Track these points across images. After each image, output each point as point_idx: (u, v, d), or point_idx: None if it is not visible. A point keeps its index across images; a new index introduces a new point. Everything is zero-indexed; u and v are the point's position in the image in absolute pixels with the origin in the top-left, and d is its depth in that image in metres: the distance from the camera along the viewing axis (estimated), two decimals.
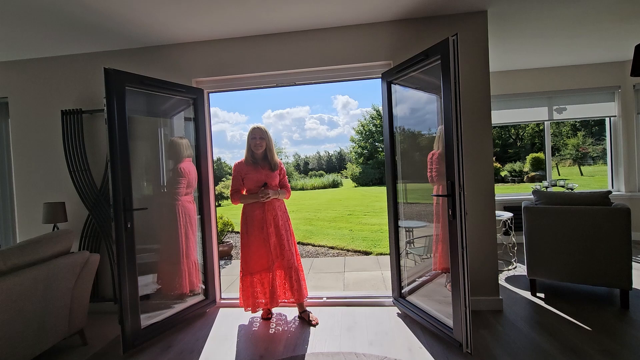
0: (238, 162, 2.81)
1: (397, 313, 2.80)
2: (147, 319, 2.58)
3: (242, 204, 2.79)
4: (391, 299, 2.94)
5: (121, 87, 2.40)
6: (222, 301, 3.15)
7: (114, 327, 2.80)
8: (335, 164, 45.84)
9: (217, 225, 3.20)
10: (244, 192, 2.79)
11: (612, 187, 4.94)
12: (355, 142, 30.85)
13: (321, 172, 38.24)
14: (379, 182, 25.93)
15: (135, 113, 2.81)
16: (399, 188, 2.91)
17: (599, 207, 2.74)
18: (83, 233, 3.14)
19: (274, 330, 2.63)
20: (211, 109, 3.28)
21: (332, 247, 6.41)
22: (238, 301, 2.78)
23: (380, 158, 27.12)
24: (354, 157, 30.88)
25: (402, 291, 2.86)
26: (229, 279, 4.14)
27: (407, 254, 2.98)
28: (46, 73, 3.25)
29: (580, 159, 20.37)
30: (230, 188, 2.80)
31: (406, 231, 3.01)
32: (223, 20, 2.71)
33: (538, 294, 3.06)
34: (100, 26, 2.71)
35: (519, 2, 2.68)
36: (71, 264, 2.31)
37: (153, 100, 2.86)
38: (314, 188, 27.40)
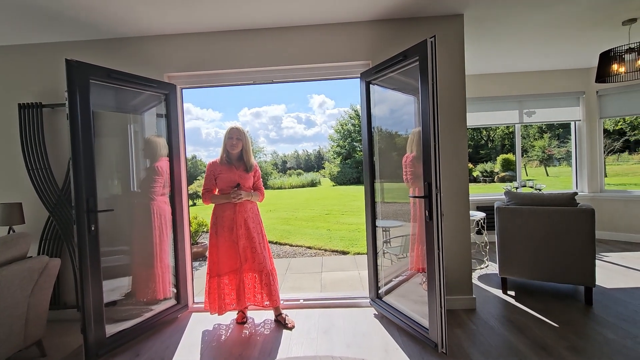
0: (212, 162, 2.72)
1: (374, 314, 2.80)
2: (113, 327, 2.45)
3: (213, 204, 2.70)
4: (368, 300, 2.94)
5: (85, 80, 2.25)
6: (195, 305, 3.04)
7: (77, 336, 2.63)
8: (314, 163, 45.79)
9: (190, 227, 3.08)
10: (216, 192, 2.70)
11: (577, 188, 5.19)
12: (333, 142, 30.92)
13: (299, 170, 38.07)
14: (357, 181, 26.13)
15: (103, 108, 2.65)
16: (376, 187, 2.91)
17: (566, 207, 2.86)
18: (43, 236, 2.93)
19: (248, 334, 2.56)
20: (184, 105, 3.15)
21: (309, 247, 6.38)
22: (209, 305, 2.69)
23: (358, 157, 27.30)
24: (332, 157, 30.94)
25: (379, 292, 2.86)
26: (204, 281, 4.01)
27: (383, 253, 2.99)
28: (2, 63, 3.00)
29: (546, 160, 21.41)
30: (202, 187, 2.70)
31: (383, 231, 3.02)
32: (198, 13, 2.60)
33: (509, 292, 3.16)
34: (64, 14, 2.52)
35: (494, 7, 2.74)
36: (27, 270, 2.13)
37: (122, 95, 2.71)
38: (292, 187, 27.24)
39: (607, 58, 3.25)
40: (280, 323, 2.68)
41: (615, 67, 3.20)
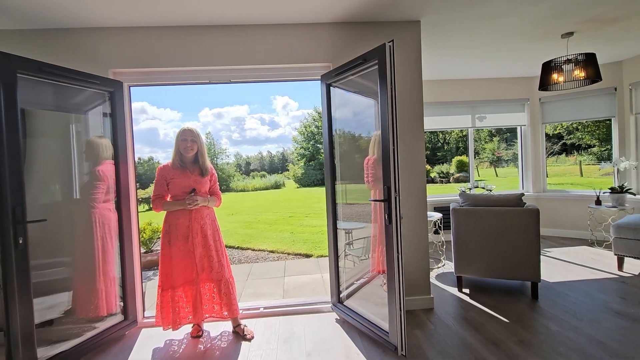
0: (163, 166, 2.54)
1: (336, 319, 2.77)
2: (49, 349, 2.20)
3: (165, 212, 2.53)
4: (330, 305, 2.90)
5: (11, 73, 1.99)
6: (146, 320, 2.82)
7: None
8: (278, 165, 45.38)
9: (139, 235, 2.86)
10: (168, 199, 2.53)
11: (523, 188, 5.56)
12: (297, 143, 30.85)
13: (263, 172, 37.52)
14: (321, 183, 26.26)
15: (37, 106, 2.38)
16: (338, 190, 2.89)
17: (514, 208, 3.02)
18: None
19: (203, 349, 2.41)
20: (139, 104, 3.06)
21: (272, 251, 6.25)
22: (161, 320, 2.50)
23: (322, 159, 27.48)
24: (296, 158, 30.85)
25: (341, 296, 2.84)
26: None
27: (345, 255, 2.97)
28: None
29: (496, 162, 22.99)
30: (152, 194, 2.50)
31: (346, 233, 3.01)
32: (149, 5, 2.40)
33: (464, 290, 3.28)
34: None
35: (448, 16, 2.84)
36: None
37: (61, 92, 2.45)
38: (255, 189, 26.77)
39: (548, 68, 3.51)
40: (239, 334, 2.56)
41: (555, 76, 3.47)
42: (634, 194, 4.41)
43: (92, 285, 2.53)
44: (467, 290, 3.26)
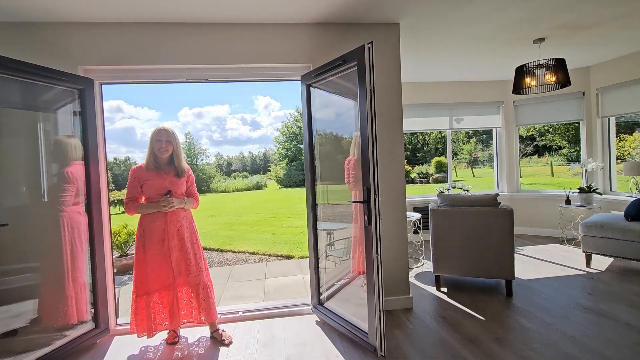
0: (136, 167, 2.45)
1: (316, 321, 2.75)
2: None
3: (139, 215, 2.44)
4: (310, 307, 2.89)
5: None
6: (119, 327, 2.71)
7: None
8: (260, 166, 44.98)
9: (111, 239, 2.75)
10: (143, 201, 2.44)
11: (498, 188, 5.74)
12: (279, 144, 30.68)
13: (245, 173, 37.08)
14: (303, 184, 26.16)
15: (1, 104, 2.25)
16: (320, 190, 2.88)
17: (490, 208, 3.11)
18: None
19: (180, 356, 2.34)
20: (114, 102, 2.90)
21: (253, 253, 6.18)
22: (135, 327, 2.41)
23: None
24: (278, 159, 30.67)
25: (321, 297, 2.83)
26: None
27: (326, 256, 2.96)
28: None
29: (472, 163, 23.67)
30: (125, 196, 2.41)
31: (327, 233, 3.00)
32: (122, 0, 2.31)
33: (442, 289, 3.34)
34: None
35: (426, 19, 2.88)
36: None
37: (27, 89, 2.33)
38: (237, 190, 26.43)
39: (521, 72, 3.63)
40: (217, 340, 2.50)
41: (528, 80, 3.59)
42: (601, 194, 4.63)
43: (60, 292, 2.41)
44: (445, 289, 3.32)
